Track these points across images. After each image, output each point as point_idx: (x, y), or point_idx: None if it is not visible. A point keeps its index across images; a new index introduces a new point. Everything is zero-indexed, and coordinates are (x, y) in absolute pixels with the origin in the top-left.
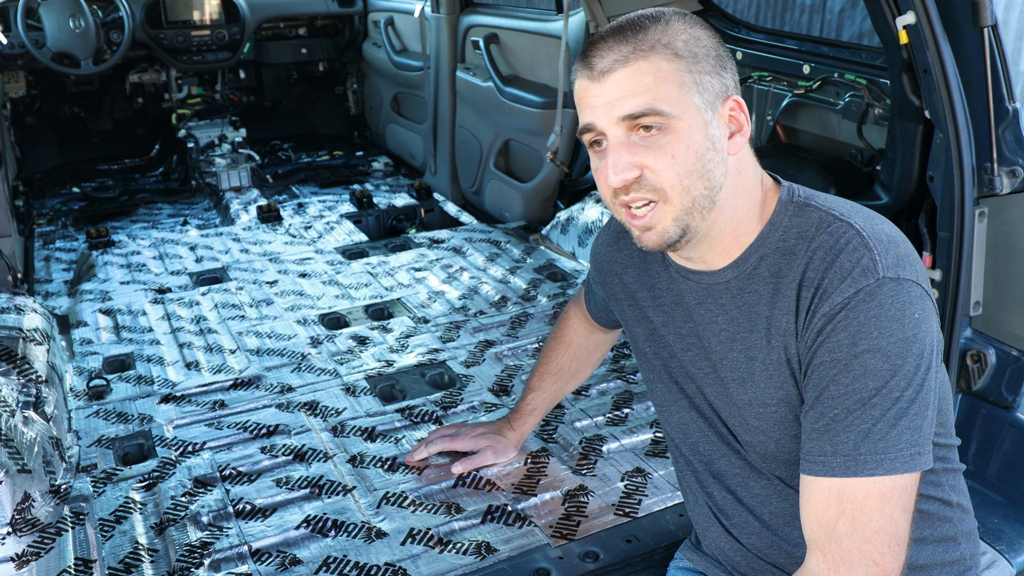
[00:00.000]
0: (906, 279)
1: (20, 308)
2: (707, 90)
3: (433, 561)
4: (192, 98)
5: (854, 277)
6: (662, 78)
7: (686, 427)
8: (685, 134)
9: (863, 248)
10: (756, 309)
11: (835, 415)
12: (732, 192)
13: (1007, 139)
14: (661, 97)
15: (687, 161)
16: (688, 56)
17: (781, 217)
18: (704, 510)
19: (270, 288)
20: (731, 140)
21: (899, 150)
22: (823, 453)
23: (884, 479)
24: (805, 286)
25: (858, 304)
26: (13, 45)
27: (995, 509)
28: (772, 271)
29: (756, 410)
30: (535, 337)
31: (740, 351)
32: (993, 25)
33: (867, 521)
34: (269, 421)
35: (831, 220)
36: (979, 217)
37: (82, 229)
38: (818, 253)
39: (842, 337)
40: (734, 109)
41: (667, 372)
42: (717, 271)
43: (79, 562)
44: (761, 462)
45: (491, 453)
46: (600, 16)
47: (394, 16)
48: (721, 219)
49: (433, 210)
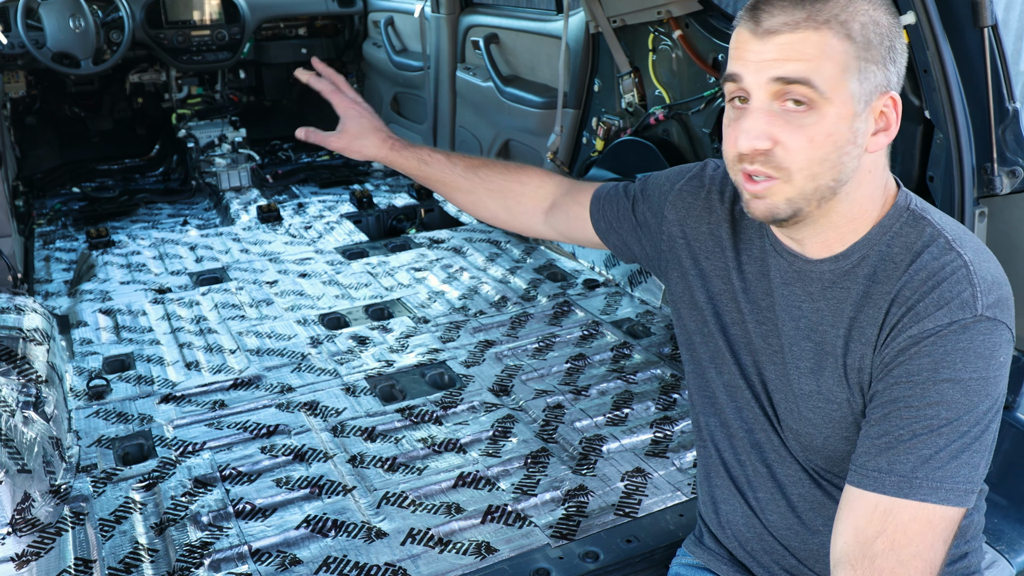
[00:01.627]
0: (1001, 322)
1: (20, 308)
2: (868, 80)
3: (433, 561)
4: (192, 98)
5: (951, 308)
6: (827, 55)
7: (736, 392)
8: (831, 119)
9: (967, 282)
10: (843, 307)
11: (900, 435)
12: (856, 188)
13: (1007, 139)
14: (820, 72)
15: (823, 148)
16: (861, 41)
17: (893, 222)
18: (728, 480)
19: (270, 288)
20: (874, 137)
21: (899, 150)
22: (878, 469)
23: (934, 507)
24: (898, 303)
25: (949, 334)
26: (13, 45)
27: (995, 509)
28: (868, 273)
29: (815, 403)
30: (535, 337)
31: (815, 342)
32: (993, 25)
33: (907, 544)
34: (269, 421)
35: (940, 242)
36: (979, 217)
37: (82, 229)
38: (920, 274)
39: (925, 362)
40: (888, 106)
41: (728, 337)
42: (815, 260)
43: (79, 562)
44: (800, 451)
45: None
46: (600, 16)
47: (394, 16)
48: (836, 212)
49: (433, 210)
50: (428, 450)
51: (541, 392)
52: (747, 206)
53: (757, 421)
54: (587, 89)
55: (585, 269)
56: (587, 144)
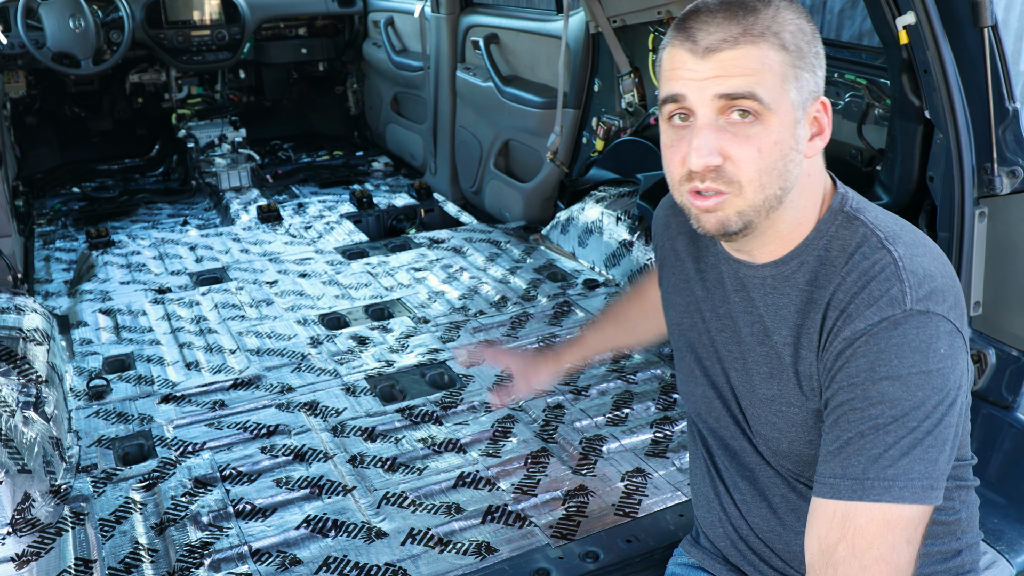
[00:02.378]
0: (935, 313)
1: (20, 308)
2: (803, 87)
3: (433, 561)
4: (192, 98)
5: (880, 306)
6: (768, 67)
7: (707, 404)
8: (775, 129)
9: (895, 279)
10: (785, 312)
11: (849, 438)
12: (799, 194)
13: (1007, 139)
14: (763, 85)
15: (771, 158)
16: (794, 49)
17: (829, 225)
18: (715, 486)
19: (270, 288)
20: (811, 142)
21: (899, 150)
22: (833, 475)
23: (890, 507)
24: (832, 306)
25: (880, 332)
26: (13, 45)
27: (995, 509)
28: (809, 279)
29: (776, 407)
30: (535, 337)
31: (768, 347)
32: (993, 25)
33: (867, 548)
34: (269, 421)
35: (872, 241)
36: (979, 217)
37: (82, 229)
38: (851, 275)
39: (862, 363)
40: (820, 111)
41: (697, 347)
42: (757, 265)
43: (79, 562)
44: (771, 456)
45: (523, 381)
46: (600, 16)
47: (394, 16)
48: (781, 220)
49: (433, 210)
50: (428, 450)
51: (541, 392)
52: (697, 222)
53: (730, 428)
54: (587, 89)
55: (585, 269)
56: (587, 144)
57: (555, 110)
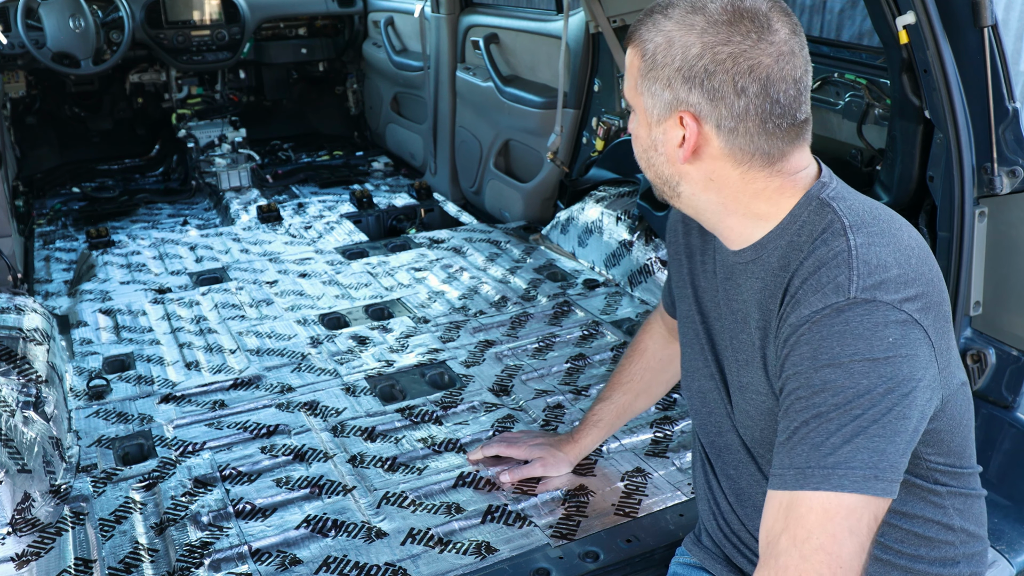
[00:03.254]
0: (882, 302)
1: (20, 308)
2: (658, 97)
3: (433, 561)
4: (192, 98)
5: (825, 292)
6: (630, 70)
7: (704, 396)
8: (636, 125)
9: (845, 266)
10: (760, 298)
11: (795, 428)
12: (701, 194)
13: (1007, 139)
14: (626, 85)
15: (636, 146)
16: (649, 60)
17: (802, 210)
18: (709, 480)
19: (270, 288)
20: (681, 148)
21: (899, 150)
22: (781, 465)
23: (829, 495)
24: (788, 291)
25: (823, 319)
26: (13, 45)
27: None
28: (780, 263)
29: (751, 395)
30: (535, 337)
31: (747, 334)
32: (993, 25)
33: (807, 538)
34: (269, 421)
35: (836, 228)
36: (979, 217)
37: (82, 229)
38: (809, 260)
39: (805, 351)
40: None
41: (699, 337)
42: (737, 251)
43: (79, 562)
44: (752, 445)
45: (540, 465)
46: (600, 16)
47: (394, 16)
48: (700, 213)
49: (433, 210)
50: (428, 450)
51: (541, 392)
52: None
53: (721, 421)
54: (587, 89)
55: (585, 269)
56: (587, 144)
57: (555, 110)
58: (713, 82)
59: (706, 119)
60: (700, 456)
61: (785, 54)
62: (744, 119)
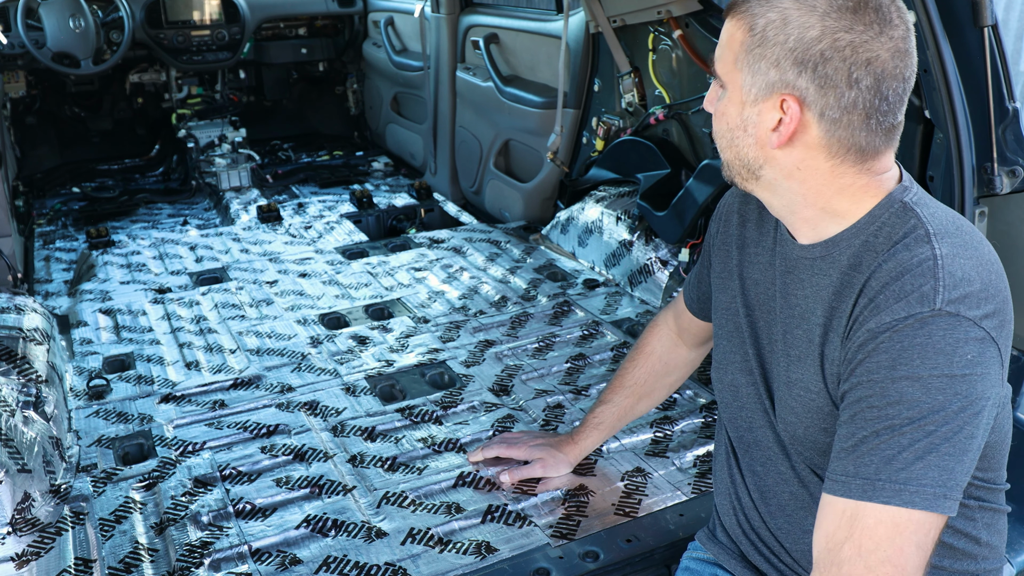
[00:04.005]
0: (965, 317)
1: (20, 308)
2: (759, 75)
3: (433, 561)
4: (192, 98)
5: (910, 301)
6: (729, 43)
7: (737, 390)
8: (727, 101)
9: (930, 275)
10: (824, 293)
11: (864, 436)
12: (784, 182)
13: (1007, 139)
14: (721, 59)
15: (720, 124)
16: (759, 36)
17: (883, 211)
18: (732, 474)
19: (270, 288)
20: (775, 131)
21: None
22: (845, 472)
23: (900, 510)
24: (864, 294)
25: (905, 329)
26: (13, 45)
27: None
28: (852, 262)
29: (798, 391)
30: (535, 337)
31: (804, 330)
32: (993, 25)
33: (874, 549)
34: (269, 421)
35: (919, 233)
36: (979, 217)
37: (82, 229)
38: (889, 263)
39: (883, 359)
40: (777, 109)
41: (741, 329)
42: (806, 245)
43: (79, 562)
44: (790, 442)
45: (540, 466)
46: (600, 16)
47: (394, 16)
48: (775, 202)
49: (433, 210)
50: (428, 450)
51: (541, 392)
52: None
53: (755, 416)
54: (587, 89)
55: (585, 269)
56: (587, 144)
57: (555, 110)
58: (827, 68)
59: (811, 106)
60: (726, 449)
61: (901, 52)
62: (851, 111)
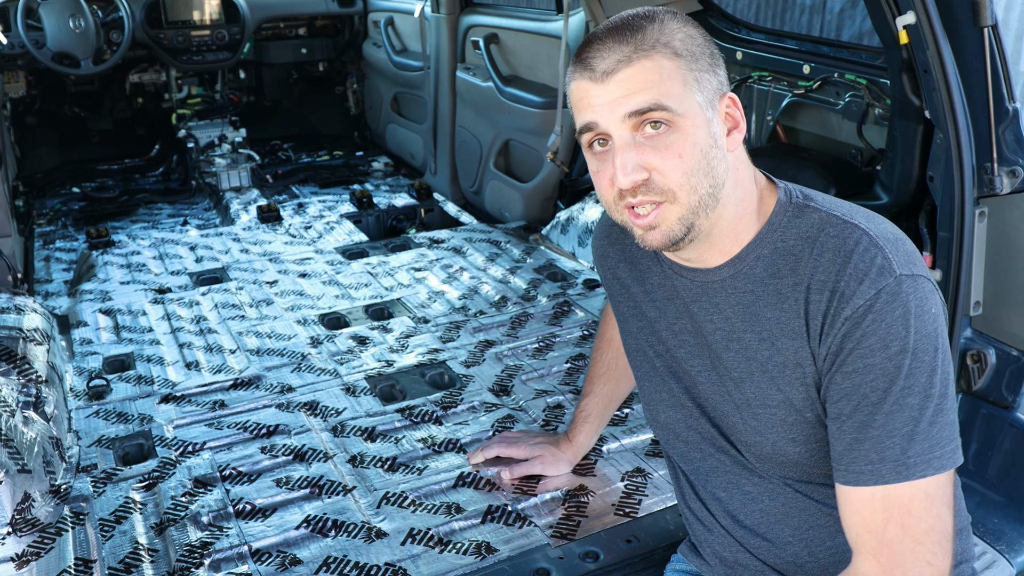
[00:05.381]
0: (919, 275)
1: (20, 308)
2: (706, 87)
3: (433, 561)
4: (192, 98)
5: (872, 278)
6: (666, 76)
7: (674, 426)
8: (690, 132)
9: (874, 247)
10: (753, 309)
11: (877, 421)
12: (732, 188)
13: (1007, 139)
14: (667, 94)
15: (693, 159)
16: (687, 55)
17: (780, 218)
18: (697, 501)
19: (270, 288)
20: (729, 137)
21: (899, 150)
22: (869, 461)
23: (929, 480)
24: (815, 288)
25: (883, 306)
26: (13, 45)
27: (995, 509)
28: (770, 272)
29: (755, 411)
30: (535, 337)
31: (737, 351)
32: (993, 25)
33: (916, 523)
34: (269, 421)
35: (833, 221)
36: (979, 217)
37: (82, 229)
38: (825, 255)
39: (873, 342)
40: (730, 106)
41: (659, 368)
42: (712, 269)
43: (79, 562)
44: (756, 461)
45: (539, 463)
46: (600, 16)
47: (394, 16)
48: (723, 217)
49: (433, 210)
50: (428, 450)
51: (541, 392)
52: (642, 240)
53: (709, 443)
54: None
55: (585, 269)
56: None
57: (555, 110)
58: (722, 61)
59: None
60: (683, 482)
61: None
62: None
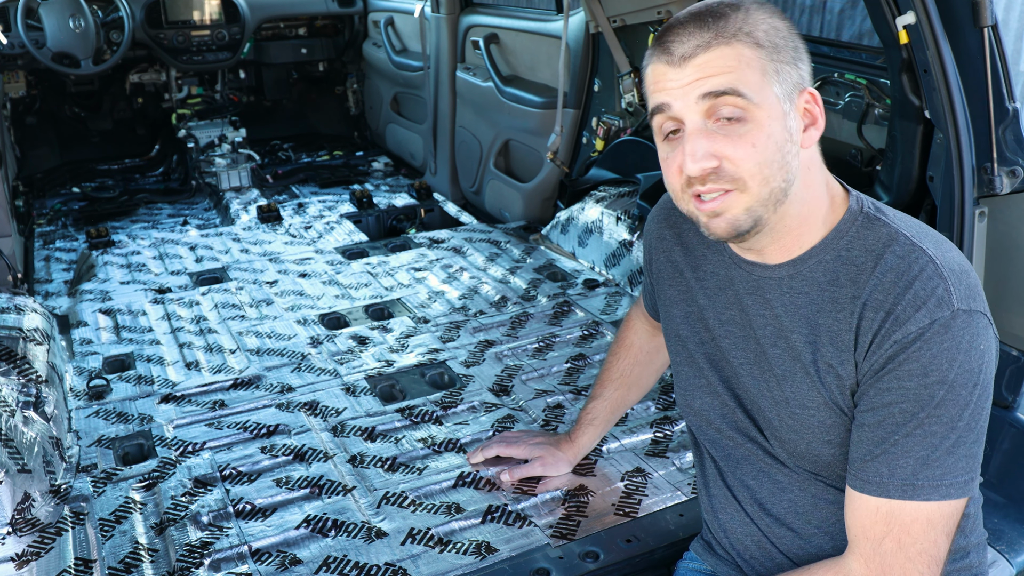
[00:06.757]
0: (976, 311)
1: (20, 308)
2: (786, 80)
3: (433, 561)
4: (192, 98)
5: (929, 308)
6: (745, 63)
7: (707, 413)
8: (765, 123)
9: (938, 277)
10: (805, 312)
11: (895, 439)
12: (803, 187)
13: (1007, 139)
14: (744, 81)
15: (767, 151)
16: (769, 45)
17: (848, 226)
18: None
19: (270, 288)
20: (805, 133)
21: (899, 150)
22: (879, 475)
23: (933, 505)
24: (871, 307)
25: (933, 336)
26: (13, 45)
27: (995, 509)
28: (830, 278)
29: (793, 410)
30: (535, 337)
31: (784, 349)
32: (993, 25)
33: (912, 543)
34: (269, 421)
35: (901, 239)
36: (979, 217)
37: (82, 229)
38: (889, 275)
39: (914, 367)
40: (809, 102)
41: (700, 356)
42: (772, 266)
43: (79, 562)
44: (787, 457)
45: (539, 464)
46: (600, 16)
47: (394, 16)
48: (789, 214)
49: (433, 210)
50: (428, 450)
51: (541, 392)
52: (707, 229)
53: (742, 433)
54: (587, 89)
55: (585, 269)
56: (587, 144)
57: (555, 110)
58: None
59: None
60: (712, 468)
61: None
62: None
